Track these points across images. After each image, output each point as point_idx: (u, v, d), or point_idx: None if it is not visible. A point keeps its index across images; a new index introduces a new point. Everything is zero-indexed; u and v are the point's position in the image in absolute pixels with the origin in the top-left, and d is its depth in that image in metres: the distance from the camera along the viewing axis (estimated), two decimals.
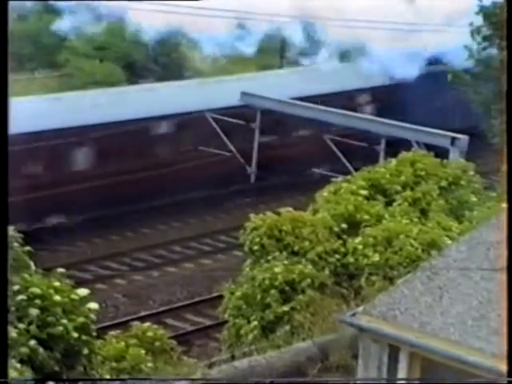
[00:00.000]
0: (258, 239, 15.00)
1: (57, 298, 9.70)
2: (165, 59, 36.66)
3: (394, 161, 16.79)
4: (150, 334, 13.59)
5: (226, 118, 27.83)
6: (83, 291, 10.20)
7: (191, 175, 28.16)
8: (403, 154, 16.89)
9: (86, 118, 26.34)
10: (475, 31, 24.20)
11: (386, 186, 16.17)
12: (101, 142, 26.35)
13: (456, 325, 10.44)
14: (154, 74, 35.91)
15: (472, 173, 16.90)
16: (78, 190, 25.97)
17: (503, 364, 9.71)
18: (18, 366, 9.02)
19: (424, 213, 15.83)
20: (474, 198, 16.35)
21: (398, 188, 16.04)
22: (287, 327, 14.00)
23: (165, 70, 36.31)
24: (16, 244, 9.89)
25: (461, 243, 11.45)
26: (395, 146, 22.77)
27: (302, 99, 28.26)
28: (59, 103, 27.37)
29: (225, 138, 28.30)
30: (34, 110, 25.87)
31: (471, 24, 24.14)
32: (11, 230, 10.02)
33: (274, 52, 39.80)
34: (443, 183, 16.25)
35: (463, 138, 24.30)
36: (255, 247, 15.08)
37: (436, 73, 29.83)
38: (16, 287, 9.58)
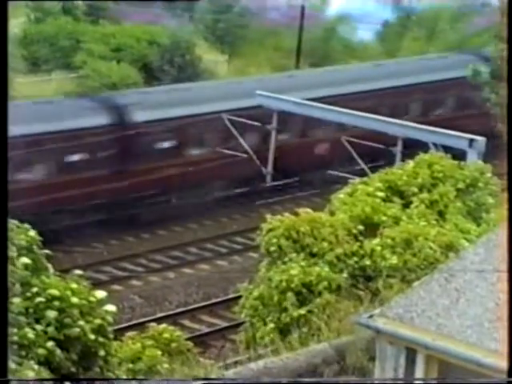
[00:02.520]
0: (274, 240, 14.97)
1: (74, 299, 9.74)
2: (180, 60, 36.75)
3: (411, 162, 16.73)
4: (166, 335, 13.60)
5: (242, 120, 27.84)
6: (101, 293, 10.23)
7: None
8: (420, 156, 16.83)
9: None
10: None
11: (403, 188, 16.11)
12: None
13: (473, 327, 10.39)
14: (170, 76, 36.00)
15: (489, 175, 16.82)
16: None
17: None
18: (36, 367, 9.06)
19: (441, 215, 15.76)
20: (491, 200, 16.27)
21: (415, 190, 15.97)
22: (304, 329, 13.97)
23: (180, 71, 36.40)
24: (35, 247, 9.95)
25: (478, 245, 11.40)
26: (412, 148, 22.71)
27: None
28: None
29: (241, 140, 28.32)
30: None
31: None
32: (32, 233, 10.09)
33: None
34: (460, 185, 16.18)
35: (481, 140, 24.19)
36: (272, 248, 15.06)
37: None
38: (35, 289, 9.63)
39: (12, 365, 8.91)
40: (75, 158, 25.74)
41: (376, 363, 11.10)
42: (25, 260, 9.73)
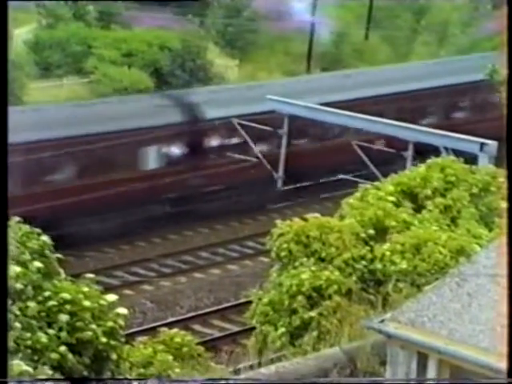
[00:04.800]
0: (285, 245, 14.98)
1: (86, 303, 9.77)
2: (191, 65, 36.82)
3: (422, 166, 16.69)
4: (177, 339, 13.60)
5: (253, 124, 27.86)
6: (112, 297, 10.27)
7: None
8: (432, 160, 16.79)
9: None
10: None
11: (415, 192, 16.07)
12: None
13: (485, 332, 10.36)
14: (181, 80, 36.08)
15: (502, 179, 16.76)
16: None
17: None
18: (50, 372, 9.10)
19: (454, 220, 15.72)
20: (503, 205, 16.20)
21: (428, 193, 15.92)
22: (314, 333, 13.97)
23: (192, 76, 36.47)
24: (47, 251, 10.00)
25: (490, 250, 11.38)
26: (423, 152, 22.68)
27: None
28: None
29: (252, 144, 28.33)
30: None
31: None
32: (44, 237, 10.15)
33: None
34: (473, 189, 16.13)
35: (492, 144, 24.12)
36: (282, 253, 15.07)
37: None
38: (47, 293, 9.68)
39: (29, 369, 8.95)
40: None
41: (387, 368, 11.08)
42: (36, 264, 9.78)
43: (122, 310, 10.31)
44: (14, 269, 9.46)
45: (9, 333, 8.87)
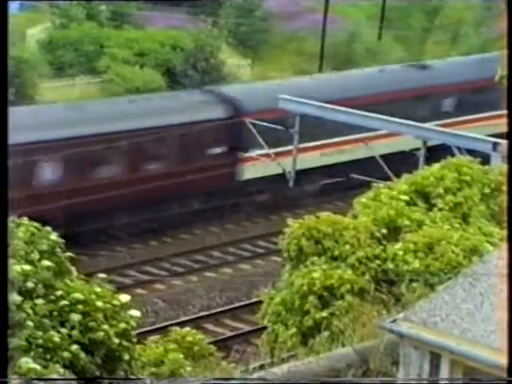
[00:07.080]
0: (295, 241, 14.93)
1: (99, 303, 9.78)
2: (204, 65, 36.85)
3: (436, 166, 16.63)
4: (189, 338, 13.60)
5: (264, 124, 27.86)
6: (124, 297, 10.26)
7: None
8: (448, 160, 16.73)
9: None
10: None
11: (429, 191, 16.02)
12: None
13: (497, 332, 10.32)
14: (194, 80, 36.11)
15: None
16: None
17: None
18: (62, 370, 9.12)
19: (465, 219, 15.67)
20: None
21: (440, 191, 15.86)
22: (326, 333, 13.94)
23: (204, 75, 36.50)
24: (58, 250, 10.02)
25: (502, 249, 11.33)
26: (435, 152, 22.62)
27: None
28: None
29: (263, 143, 28.33)
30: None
31: None
32: (55, 236, 10.16)
33: None
34: (485, 189, 16.07)
35: (505, 143, 24.01)
36: (293, 253, 15.03)
37: None
38: (59, 292, 9.70)
39: (37, 366, 8.98)
40: None
41: (400, 368, 11.05)
42: (47, 263, 9.79)
43: (135, 312, 10.31)
44: (23, 267, 9.49)
45: (20, 332, 8.91)
